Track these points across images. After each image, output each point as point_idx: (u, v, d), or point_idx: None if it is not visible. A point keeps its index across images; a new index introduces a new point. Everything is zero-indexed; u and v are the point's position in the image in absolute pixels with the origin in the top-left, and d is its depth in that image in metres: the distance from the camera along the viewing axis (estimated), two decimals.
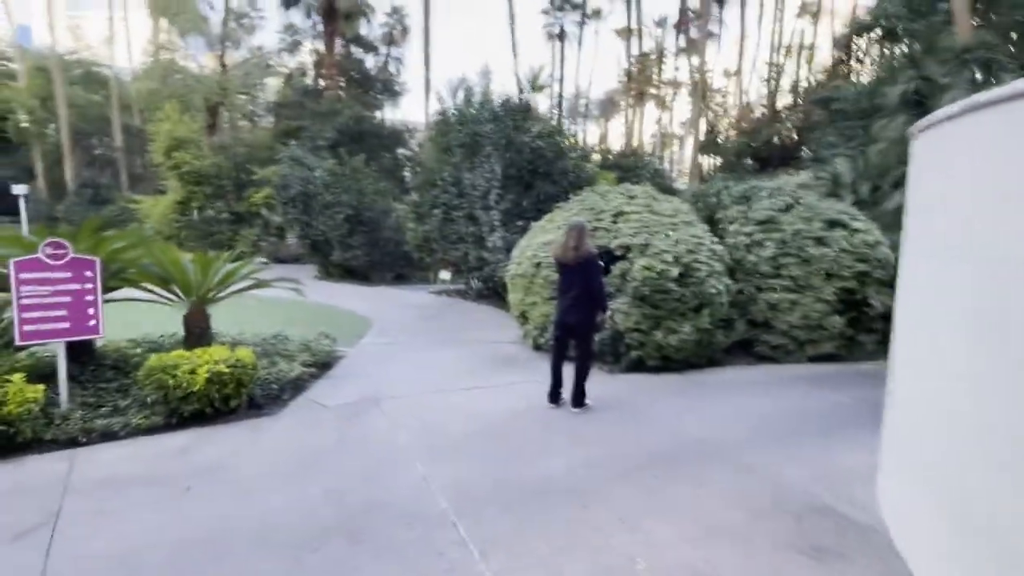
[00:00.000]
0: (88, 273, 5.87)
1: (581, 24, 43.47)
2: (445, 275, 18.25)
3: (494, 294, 15.62)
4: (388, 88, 47.03)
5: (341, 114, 24.76)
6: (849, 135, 14.77)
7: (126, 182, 35.83)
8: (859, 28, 15.23)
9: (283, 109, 34.98)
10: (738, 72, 46.76)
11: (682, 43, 48.03)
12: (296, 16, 36.05)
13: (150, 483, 4.56)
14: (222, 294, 7.55)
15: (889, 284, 9.66)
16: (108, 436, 5.59)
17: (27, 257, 5.62)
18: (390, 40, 51.00)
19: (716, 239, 9.69)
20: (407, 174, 27.78)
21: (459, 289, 16.92)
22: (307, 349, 8.26)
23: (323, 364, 8.01)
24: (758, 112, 38.57)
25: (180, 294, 7.10)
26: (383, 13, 44.94)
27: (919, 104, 12.22)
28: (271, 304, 13.49)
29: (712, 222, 10.63)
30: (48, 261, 5.66)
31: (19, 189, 26.91)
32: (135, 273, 6.83)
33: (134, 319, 9.01)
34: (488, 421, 6.08)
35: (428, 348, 9.66)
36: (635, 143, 53.48)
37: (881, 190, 11.77)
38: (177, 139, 28.08)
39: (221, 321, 8.71)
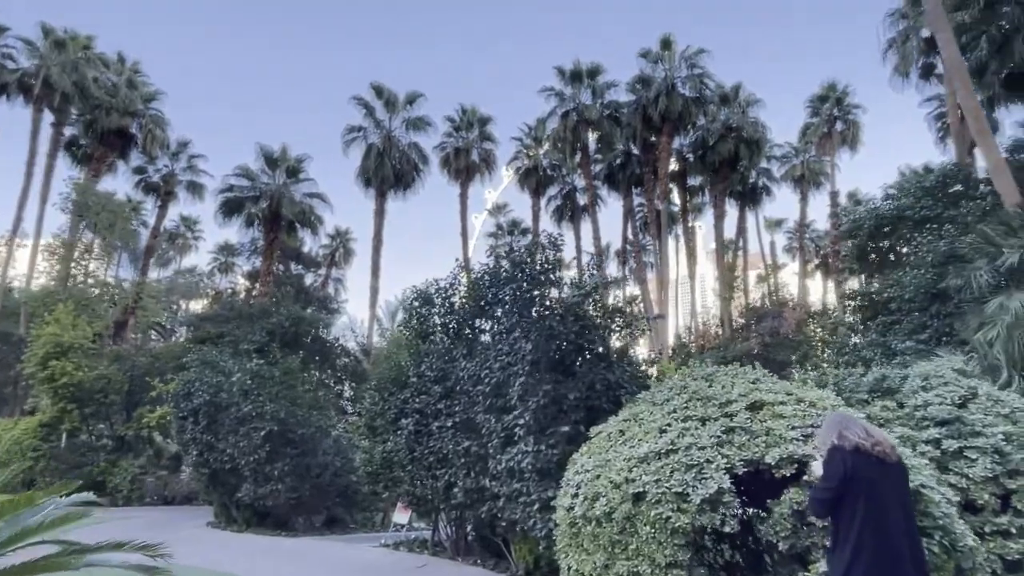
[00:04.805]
0: None
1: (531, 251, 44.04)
2: (401, 517, 13.03)
3: (481, 545, 10.62)
4: (325, 307, 44.34)
5: (275, 314, 20.92)
6: (910, 328, 12.39)
7: None
8: (880, 222, 14.02)
9: (205, 321, 30.86)
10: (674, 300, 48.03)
11: (623, 272, 49.48)
12: (235, 228, 33.85)
13: None
14: None
15: None
16: None
17: None
18: (332, 261, 49.98)
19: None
20: (347, 390, 23.30)
21: (425, 539, 11.74)
22: None
23: None
24: (713, 330, 38.10)
25: None
26: (326, 235, 44.10)
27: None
28: None
29: None
30: None
31: None
32: None
33: None
34: None
35: None
36: None
37: None
38: (60, 346, 22.87)
39: None
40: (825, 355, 19.70)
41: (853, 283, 27.94)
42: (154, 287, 36.05)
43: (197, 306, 47.11)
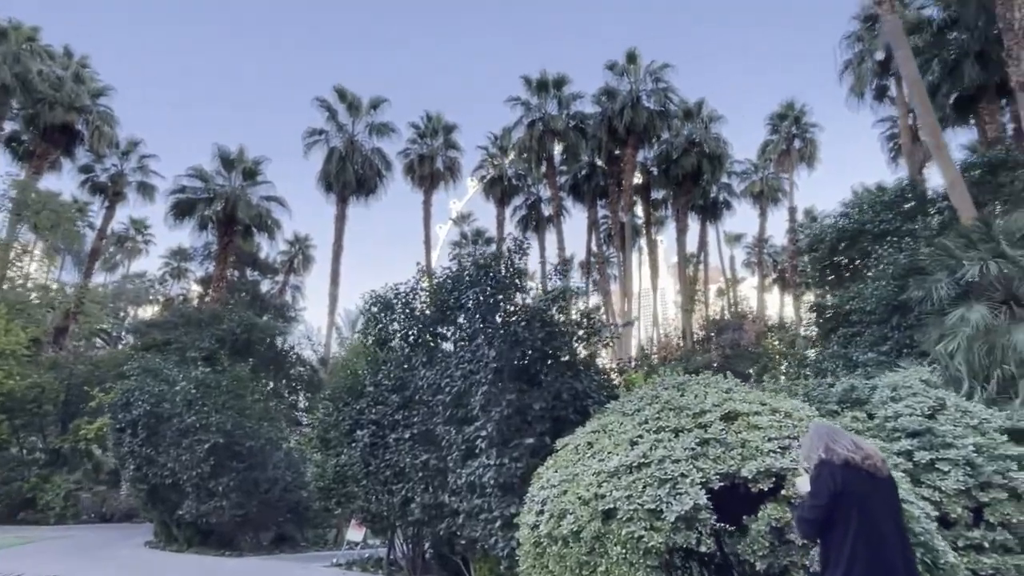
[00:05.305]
0: None
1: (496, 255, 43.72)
2: (355, 535, 12.41)
3: (440, 564, 10.12)
4: (282, 314, 42.91)
5: (226, 321, 19.88)
6: (871, 340, 12.46)
7: None
8: (840, 235, 14.21)
9: (152, 328, 29.33)
10: (635, 312, 48.29)
11: (588, 283, 49.50)
12: (187, 231, 32.29)
13: None
14: None
15: None
16: None
17: None
18: (290, 268, 48.42)
19: None
20: (302, 401, 22.36)
21: (380, 558, 11.15)
22: None
23: None
24: (675, 342, 38.32)
25: None
26: (285, 240, 42.65)
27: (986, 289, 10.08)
28: None
29: None
30: None
31: None
32: None
33: None
34: None
35: None
36: None
37: (987, 391, 8.87)
38: None
39: None
40: (784, 367, 19.86)
41: (810, 296, 28.53)
42: (99, 292, 34.21)
43: (146, 313, 44.93)
